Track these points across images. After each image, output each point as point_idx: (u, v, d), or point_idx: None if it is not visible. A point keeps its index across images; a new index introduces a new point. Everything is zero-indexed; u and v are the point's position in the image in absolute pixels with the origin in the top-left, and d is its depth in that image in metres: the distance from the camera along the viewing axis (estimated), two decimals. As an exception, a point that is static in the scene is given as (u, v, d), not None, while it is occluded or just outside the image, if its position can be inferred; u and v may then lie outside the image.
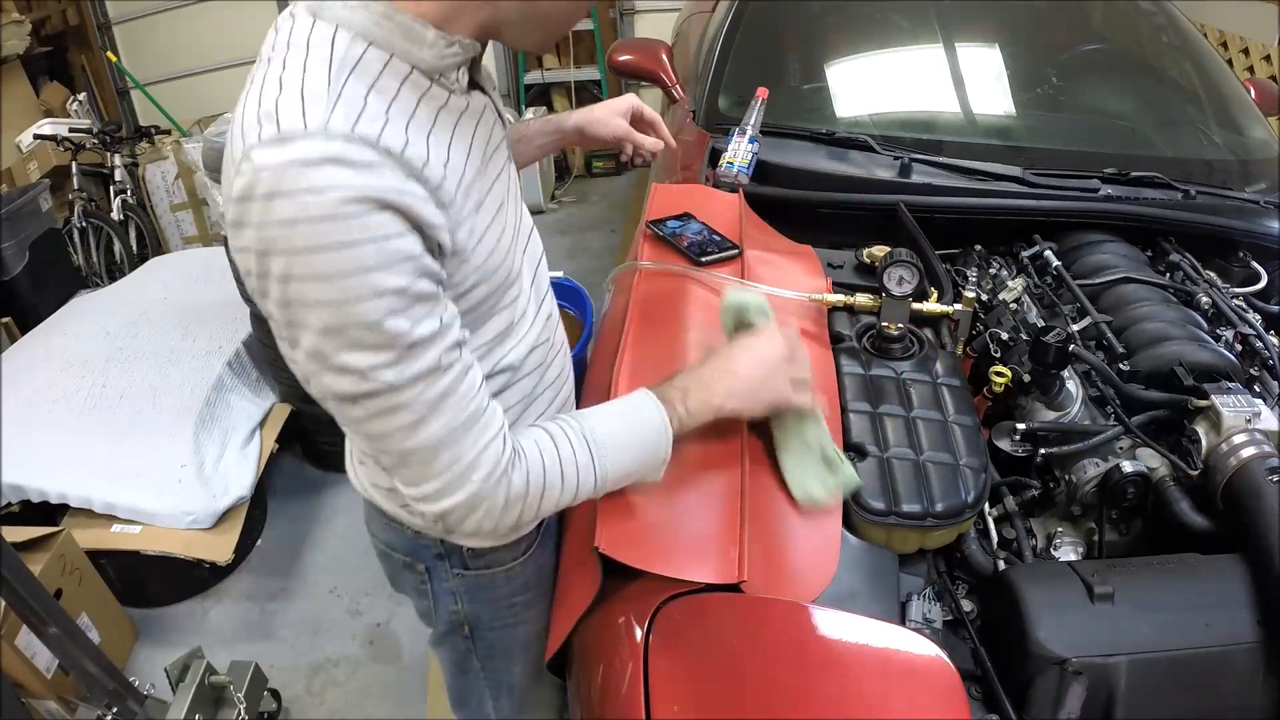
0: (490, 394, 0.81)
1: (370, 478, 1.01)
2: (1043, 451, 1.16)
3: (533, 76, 4.92)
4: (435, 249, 0.71)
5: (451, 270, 0.75)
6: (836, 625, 0.87)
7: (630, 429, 0.88)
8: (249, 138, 0.64)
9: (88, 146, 3.87)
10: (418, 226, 0.67)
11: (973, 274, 1.51)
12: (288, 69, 0.67)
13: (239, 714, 1.82)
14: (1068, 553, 1.13)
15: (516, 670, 1.17)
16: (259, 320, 2.60)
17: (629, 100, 1.29)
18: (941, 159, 1.70)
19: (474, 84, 0.82)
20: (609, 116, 1.25)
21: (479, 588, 1.05)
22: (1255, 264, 1.58)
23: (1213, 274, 1.52)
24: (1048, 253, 1.53)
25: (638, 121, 1.30)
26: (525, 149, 1.25)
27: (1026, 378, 1.24)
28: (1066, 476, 1.17)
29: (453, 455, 0.74)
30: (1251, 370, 1.29)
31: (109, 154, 3.97)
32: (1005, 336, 1.34)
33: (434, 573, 1.05)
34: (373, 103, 0.67)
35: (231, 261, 2.48)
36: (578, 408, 1.25)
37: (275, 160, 0.62)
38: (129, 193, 4.05)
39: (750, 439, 1.04)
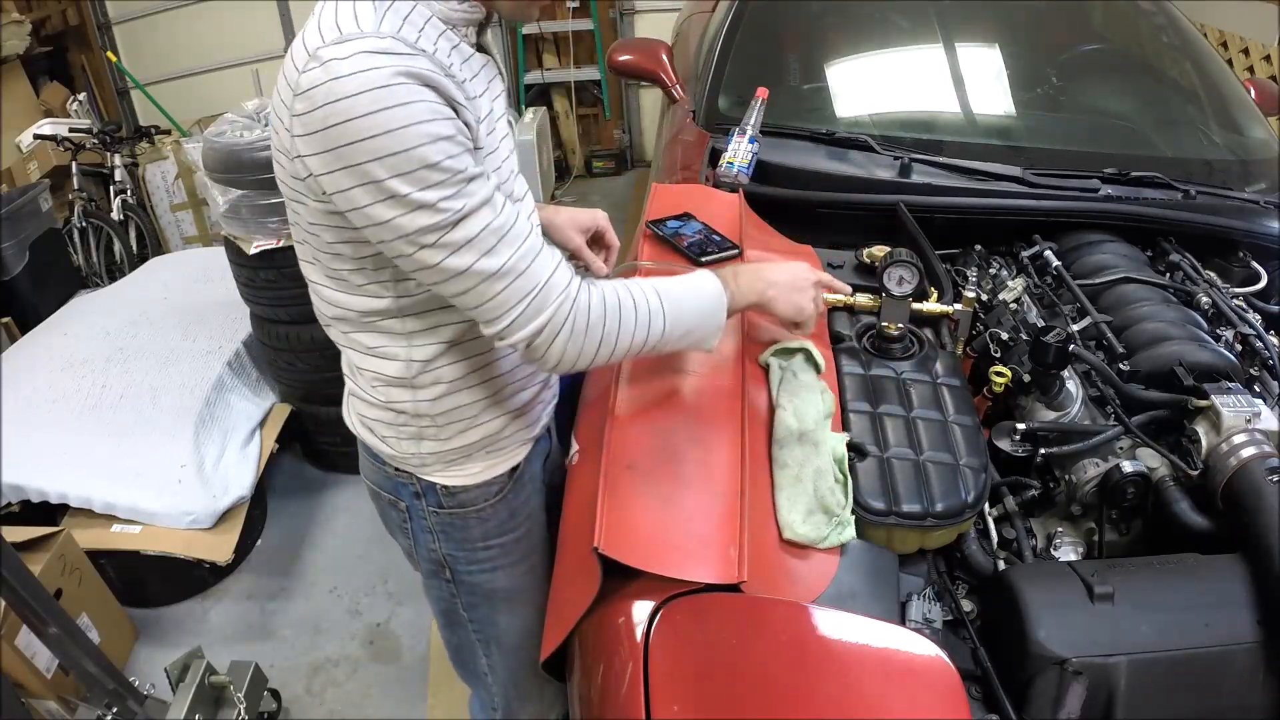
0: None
1: (361, 413, 1.08)
2: (1043, 451, 1.17)
3: (533, 76, 4.91)
4: (467, 127, 0.84)
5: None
6: (836, 625, 0.87)
7: (692, 291, 1.00)
8: (313, 44, 0.80)
9: (88, 146, 3.87)
10: (452, 105, 0.82)
11: (973, 274, 1.51)
12: (341, 4, 0.83)
13: (239, 714, 1.82)
14: (1068, 553, 1.13)
15: (501, 621, 1.21)
16: (259, 320, 2.60)
17: (594, 218, 1.31)
18: (941, 159, 1.70)
19: (483, 49, 0.96)
20: (568, 228, 1.28)
21: (453, 527, 1.12)
22: (1255, 264, 1.58)
23: (1213, 274, 1.52)
24: (1048, 253, 1.53)
25: (595, 241, 1.32)
26: None
27: (1026, 378, 1.24)
28: (1066, 476, 1.17)
29: (528, 280, 0.86)
30: (1251, 370, 1.29)
31: (109, 154, 3.97)
32: (1005, 336, 1.34)
33: (413, 511, 1.12)
34: (407, 27, 0.83)
35: (233, 261, 2.49)
36: (575, 412, 1.26)
37: (341, 52, 0.78)
38: (129, 193, 4.05)
39: (750, 439, 1.04)
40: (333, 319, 1.00)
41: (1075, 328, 1.32)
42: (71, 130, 3.91)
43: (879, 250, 1.46)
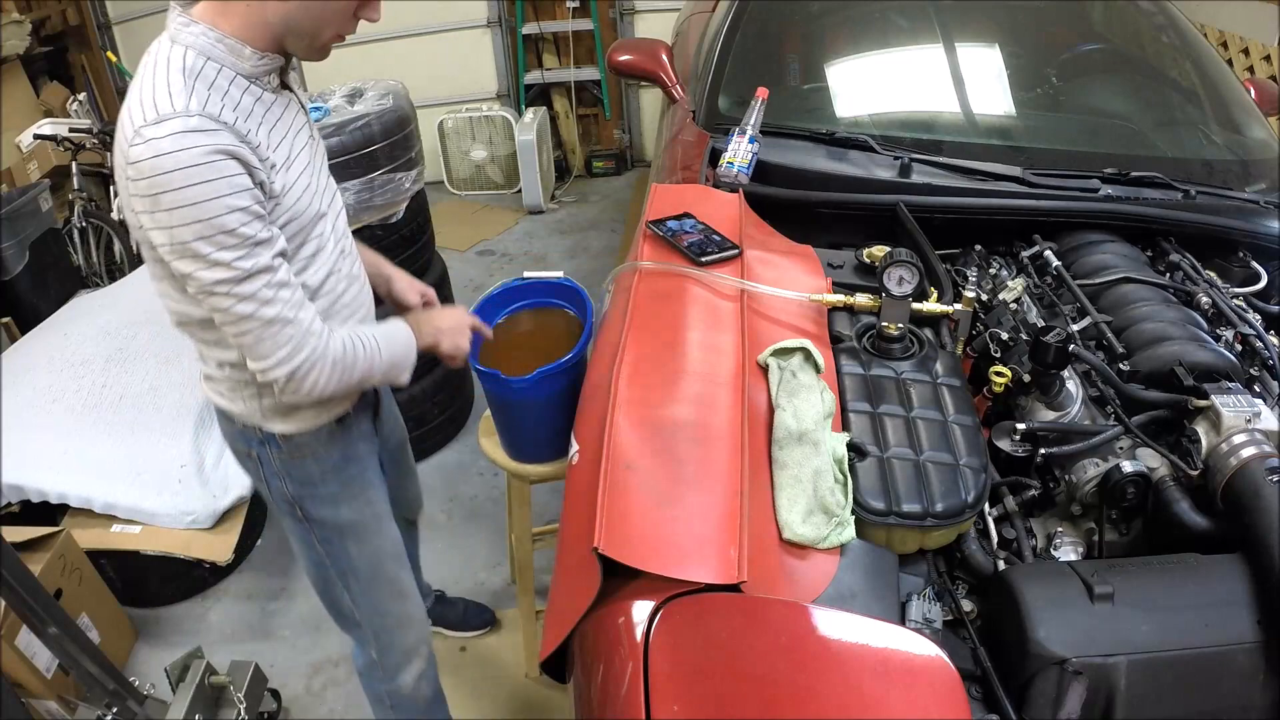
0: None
1: (212, 385, 1.29)
2: (1043, 451, 1.17)
3: (533, 77, 4.91)
4: (260, 186, 1.04)
5: (271, 208, 1.07)
6: (836, 625, 0.87)
7: (396, 336, 1.27)
8: (138, 121, 0.97)
9: (88, 146, 3.86)
10: (249, 170, 1.01)
11: (973, 274, 1.51)
12: (157, 77, 1.00)
13: (239, 714, 1.82)
14: (1068, 553, 1.13)
15: (352, 551, 1.39)
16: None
17: (429, 292, 1.49)
18: (941, 159, 1.70)
19: (286, 86, 1.16)
20: (409, 291, 1.47)
21: (294, 468, 1.31)
22: (1255, 264, 1.58)
23: (1213, 274, 1.52)
24: (1048, 253, 1.53)
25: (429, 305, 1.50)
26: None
27: (1026, 378, 1.24)
28: (1066, 476, 1.17)
29: (295, 327, 1.09)
30: (1251, 370, 1.29)
31: (109, 154, 3.96)
32: (1005, 336, 1.34)
33: (262, 459, 1.31)
34: (213, 96, 1.01)
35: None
36: (576, 407, 1.26)
37: (160, 132, 0.96)
38: (129, 193, 4.04)
39: (750, 439, 1.05)
40: (178, 323, 1.19)
41: (1075, 328, 1.32)
42: (71, 130, 3.91)
43: (879, 250, 1.46)
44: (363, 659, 1.55)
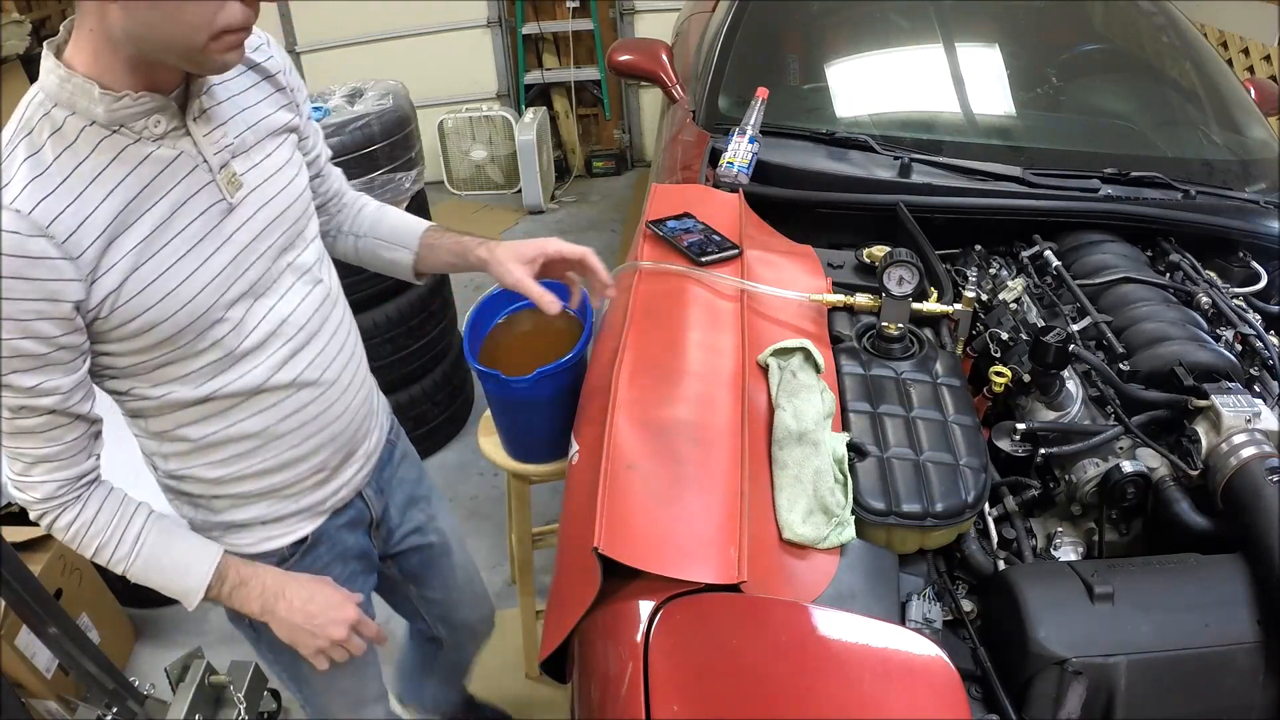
0: (85, 448, 0.93)
1: (156, 481, 1.12)
2: (1043, 451, 1.17)
3: (533, 76, 4.91)
4: (73, 306, 0.82)
5: (105, 313, 0.85)
6: (836, 625, 0.87)
7: (173, 567, 1.00)
8: None
9: (88, 146, 3.86)
10: (51, 288, 0.79)
11: (973, 274, 1.51)
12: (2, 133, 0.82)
13: (239, 714, 1.82)
14: (1068, 553, 1.13)
15: (303, 665, 1.15)
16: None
17: (539, 247, 1.16)
18: (941, 159, 1.70)
19: (186, 132, 0.88)
20: (509, 261, 1.14)
21: None
22: (1255, 264, 1.58)
23: (1213, 274, 1.52)
24: (1048, 253, 1.53)
25: (553, 263, 1.18)
26: (431, 257, 1.23)
27: (1026, 378, 1.24)
28: (1066, 476, 1.17)
29: (22, 468, 0.90)
30: (1251, 370, 1.29)
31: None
32: (1005, 336, 1.34)
33: None
34: (25, 168, 0.79)
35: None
36: (576, 407, 1.26)
37: None
38: (129, 193, 4.04)
39: (750, 439, 1.05)
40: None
41: (1075, 328, 1.32)
42: (71, 130, 3.90)
43: (879, 250, 1.46)
44: None
